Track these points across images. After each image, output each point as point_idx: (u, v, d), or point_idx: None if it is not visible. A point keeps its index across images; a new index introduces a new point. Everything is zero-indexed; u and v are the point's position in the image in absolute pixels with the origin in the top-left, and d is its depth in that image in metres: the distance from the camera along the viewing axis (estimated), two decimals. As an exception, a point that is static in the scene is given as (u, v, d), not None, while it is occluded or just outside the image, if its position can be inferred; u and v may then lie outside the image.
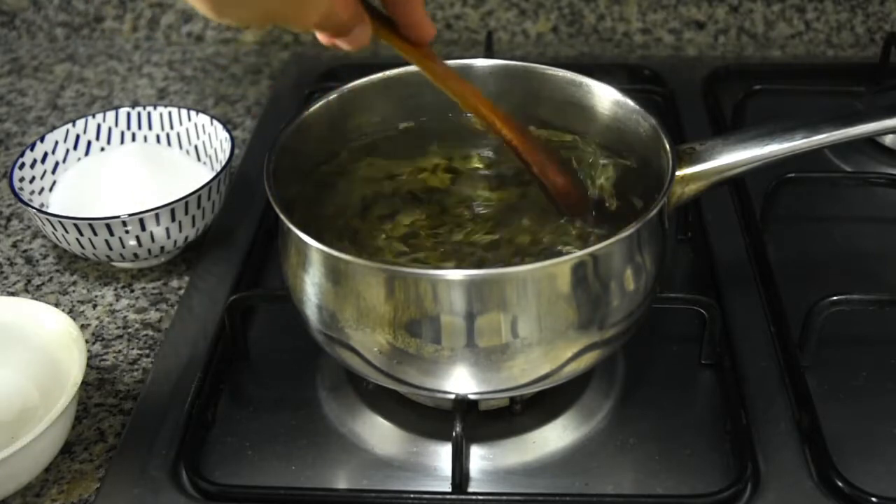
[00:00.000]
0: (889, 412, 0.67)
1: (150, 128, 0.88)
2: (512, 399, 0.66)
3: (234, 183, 0.89)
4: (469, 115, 0.65)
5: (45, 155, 0.84)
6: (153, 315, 0.77)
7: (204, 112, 0.86)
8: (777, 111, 0.94)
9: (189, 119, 0.87)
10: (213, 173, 0.80)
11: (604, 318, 0.59)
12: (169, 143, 0.87)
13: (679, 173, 0.64)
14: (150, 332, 0.75)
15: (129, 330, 0.76)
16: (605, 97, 0.70)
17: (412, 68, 0.73)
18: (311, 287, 0.60)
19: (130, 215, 0.74)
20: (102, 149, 0.87)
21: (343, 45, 0.57)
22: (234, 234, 0.83)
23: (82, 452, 0.65)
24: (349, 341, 0.60)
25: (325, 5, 0.52)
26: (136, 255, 0.77)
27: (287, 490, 0.62)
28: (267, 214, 0.84)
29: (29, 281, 0.81)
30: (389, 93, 0.73)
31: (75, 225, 0.74)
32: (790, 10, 1.13)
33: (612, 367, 0.70)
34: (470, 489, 0.62)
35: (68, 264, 0.83)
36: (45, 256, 0.84)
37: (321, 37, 0.57)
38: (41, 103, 1.07)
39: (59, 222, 0.74)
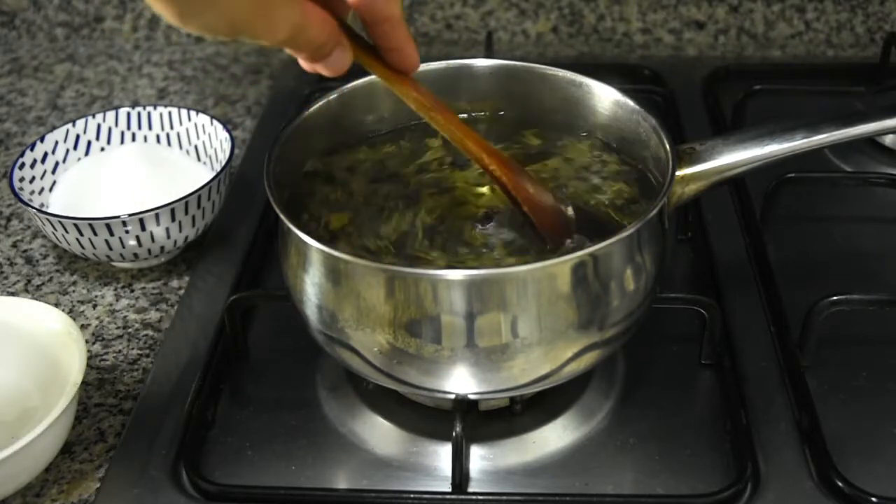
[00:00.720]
0: (889, 412, 0.67)
1: (150, 128, 0.88)
2: (512, 399, 0.66)
3: (234, 183, 0.89)
4: (453, 143, 0.62)
5: (45, 155, 0.84)
6: (153, 315, 0.77)
7: (204, 112, 0.86)
8: (777, 111, 0.94)
9: (189, 119, 0.87)
10: (213, 173, 0.80)
11: (604, 318, 0.59)
12: (169, 143, 0.87)
13: (679, 173, 0.64)
14: (150, 332, 0.75)
15: (129, 330, 0.76)
16: (605, 97, 0.70)
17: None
18: (311, 287, 0.60)
19: (130, 215, 0.74)
20: (102, 149, 0.87)
21: (322, 70, 0.55)
22: (234, 234, 0.83)
23: (82, 452, 0.65)
24: (349, 341, 0.60)
25: (296, 19, 0.50)
26: (136, 255, 0.77)
27: (287, 490, 0.62)
28: (267, 214, 0.84)
29: (29, 281, 0.81)
30: (390, 92, 0.73)
31: (75, 225, 0.74)
32: (790, 10, 1.13)
33: (612, 367, 0.70)
34: (470, 489, 0.62)
35: (68, 264, 0.83)
36: (45, 256, 0.84)
37: (302, 62, 0.55)
38: (41, 103, 1.07)
39: (59, 222, 0.74)
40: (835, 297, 0.68)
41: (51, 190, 0.83)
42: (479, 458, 0.64)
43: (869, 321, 0.72)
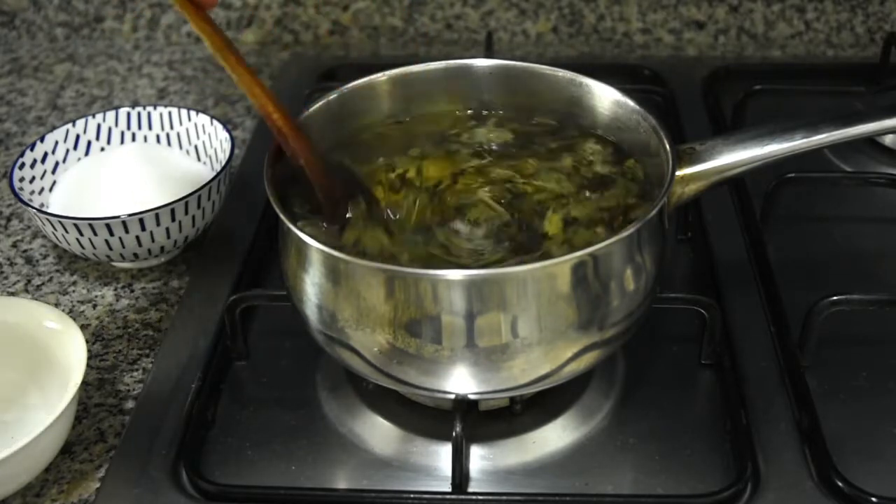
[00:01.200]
0: (889, 412, 0.67)
1: (150, 128, 0.88)
2: (512, 399, 0.66)
3: (234, 183, 0.89)
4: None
5: (45, 155, 0.84)
6: (153, 315, 0.77)
7: (204, 112, 0.86)
8: (777, 111, 0.94)
9: (189, 119, 0.87)
10: (213, 173, 0.80)
11: (604, 318, 0.59)
12: (169, 143, 0.87)
13: (679, 173, 0.64)
14: (150, 332, 0.75)
15: (129, 330, 0.76)
16: (605, 97, 0.70)
17: (413, 68, 0.73)
18: (311, 287, 0.60)
19: (130, 215, 0.74)
20: (102, 149, 0.87)
21: None
22: (234, 234, 0.83)
23: (82, 452, 0.65)
24: (349, 341, 0.60)
25: None
26: (136, 255, 0.77)
27: (287, 490, 0.62)
28: (267, 214, 0.84)
29: (29, 281, 0.81)
30: (389, 93, 0.73)
31: (75, 225, 0.74)
32: (790, 10, 1.13)
33: (612, 367, 0.70)
34: (470, 489, 0.62)
35: (68, 264, 0.83)
36: (45, 256, 0.84)
37: None
38: (41, 103, 1.07)
39: (59, 222, 0.74)
40: (835, 297, 0.68)
41: (51, 190, 0.83)
42: (479, 458, 0.64)
43: (869, 321, 0.72)
